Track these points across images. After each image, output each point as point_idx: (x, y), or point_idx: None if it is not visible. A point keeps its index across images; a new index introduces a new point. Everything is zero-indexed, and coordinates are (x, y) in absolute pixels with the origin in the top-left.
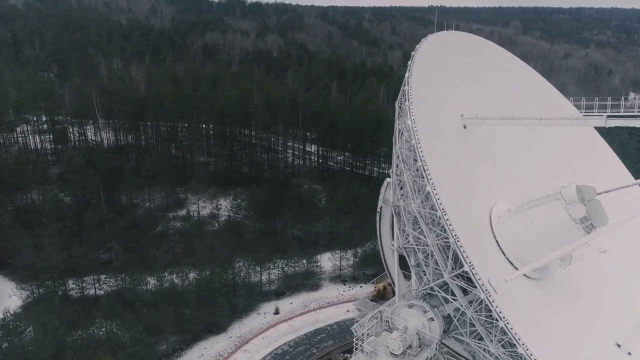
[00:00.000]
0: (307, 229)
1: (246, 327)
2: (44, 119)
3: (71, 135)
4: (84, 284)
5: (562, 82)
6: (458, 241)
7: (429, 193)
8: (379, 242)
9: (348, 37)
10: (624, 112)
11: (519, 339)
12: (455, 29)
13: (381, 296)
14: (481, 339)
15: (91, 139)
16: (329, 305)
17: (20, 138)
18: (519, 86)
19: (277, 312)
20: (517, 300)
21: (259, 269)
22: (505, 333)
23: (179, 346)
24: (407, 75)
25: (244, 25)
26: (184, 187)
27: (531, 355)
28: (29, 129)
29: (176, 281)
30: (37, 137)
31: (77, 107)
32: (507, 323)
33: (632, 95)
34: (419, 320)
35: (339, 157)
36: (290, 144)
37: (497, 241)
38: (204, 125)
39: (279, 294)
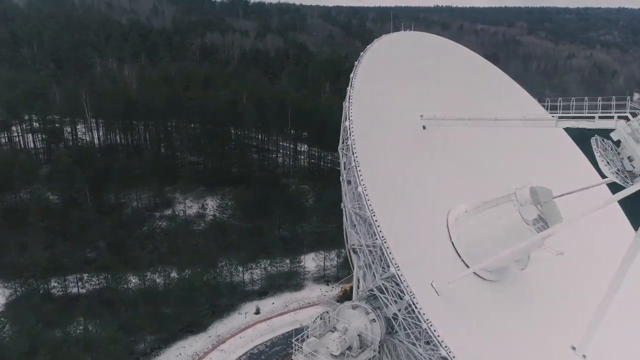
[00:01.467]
0: (294, 229)
1: (226, 327)
2: (35, 117)
3: (63, 134)
4: (66, 283)
5: (565, 82)
6: (385, 242)
7: (360, 194)
8: (345, 241)
9: (350, 37)
10: (574, 113)
11: (442, 342)
12: (459, 29)
13: (348, 296)
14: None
15: (80, 138)
16: (309, 305)
17: (15, 137)
18: (480, 85)
19: (257, 312)
20: (465, 302)
21: (242, 269)
22: (430, 336)
23: (157, 345)
24: (351, 76)
25: (245, 25)
26: (173, 187)
27: (454, 357)
28: (19, 128)
29: (158, 280)
30: (30, 137)
31: (67, 106)
32: (431, 325)
33: (636, 95)
34: (361, 321)
35: (329, 157)
36: (281, 144)
37: (452, 243)
38: (194, 125)
39: (262, 294)
